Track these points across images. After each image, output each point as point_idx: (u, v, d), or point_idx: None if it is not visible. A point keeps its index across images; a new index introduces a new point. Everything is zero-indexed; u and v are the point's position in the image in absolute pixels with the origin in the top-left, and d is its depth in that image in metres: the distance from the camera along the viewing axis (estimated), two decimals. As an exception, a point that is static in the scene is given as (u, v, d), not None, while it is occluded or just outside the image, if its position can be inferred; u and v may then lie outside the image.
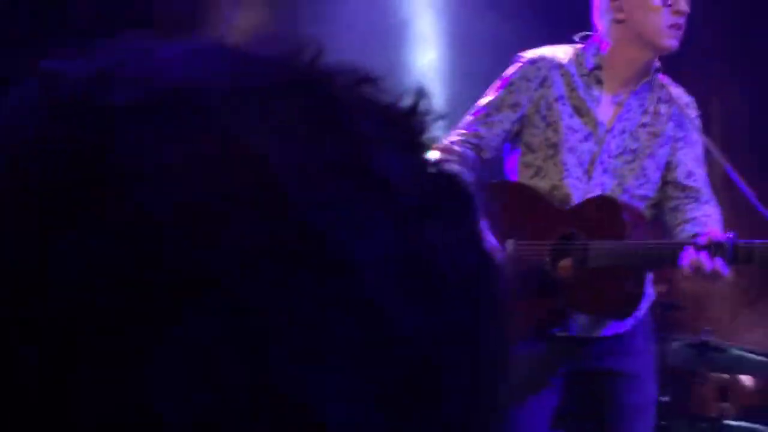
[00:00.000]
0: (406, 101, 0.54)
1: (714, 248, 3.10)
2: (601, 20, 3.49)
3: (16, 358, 0.46)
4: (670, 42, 3.38)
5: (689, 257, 3.13)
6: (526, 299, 3.14)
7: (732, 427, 4.79)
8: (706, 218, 3.31)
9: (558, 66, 3.48)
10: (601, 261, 3.31)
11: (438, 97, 5.81)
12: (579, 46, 3.55)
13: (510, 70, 3.52)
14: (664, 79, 3.51)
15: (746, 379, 5.10)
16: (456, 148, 3.45)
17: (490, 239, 2.38)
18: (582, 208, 3.39)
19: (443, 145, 3.44)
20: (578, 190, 3.41)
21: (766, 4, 6.05)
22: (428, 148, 0.55)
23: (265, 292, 0.47)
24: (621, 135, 3.44)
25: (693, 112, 3.51)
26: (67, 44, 0.54)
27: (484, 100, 3.53)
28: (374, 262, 0.49)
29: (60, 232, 0.47)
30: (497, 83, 3.54)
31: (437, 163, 0.54)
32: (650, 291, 3.50)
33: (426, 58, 6.11)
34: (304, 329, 0.47)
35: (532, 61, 3.50)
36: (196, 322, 0.46)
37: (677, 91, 3.52)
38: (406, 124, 0.54)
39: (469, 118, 3.53)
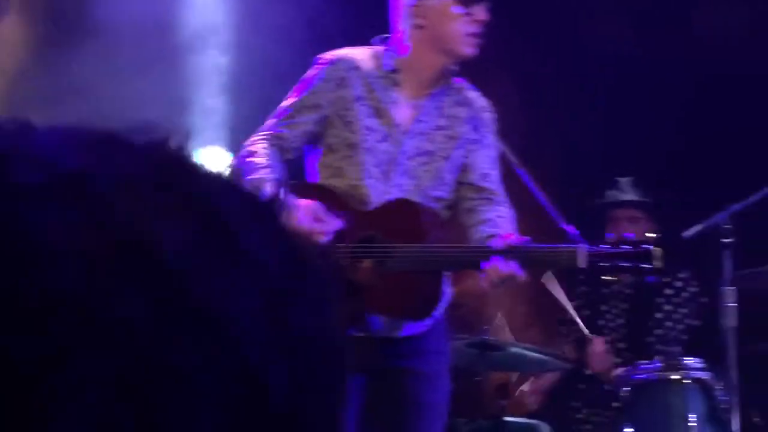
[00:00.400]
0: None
1: (509, 252, 3.16)
2: (401, 24, 3.53)
3: None
4: (468, 49, 3.46)
5: (487, 261, 3.18)
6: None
7: (511, 424, 4.93)
8: (500, 219, 3.38)
9: (356, 67, 3.51)
10: (404, 265, 3.34)
11: (242, 103, 5.75)
12: (378, 48, 3.56)
13: (310, 72, 3.54)
14: (461, 82, 3.57)
15: (525, 377, 5.24)
16: (260, 148, 3.43)
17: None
18: (382, 210, 3.41)
19: (247, 148, 3.43)
20: (376, 190, 3.43)
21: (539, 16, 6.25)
22: (292, 234, 0.63)
23: (152, 351, 0.54)
24: (418, 137, 3.48)
25: (488, 115, 3.58)
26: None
27: (286, 102, 3.55)
28: (247, 328, 0.57)
29: None
30: (298, 85, 3.55)
31: (304, 246, 0.63)
32: (448, 291, 3.56)
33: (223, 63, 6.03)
34: (185, 386, 0.54)
35: (331, 62, 3.52)
36: (80, 387, 0.52)
37: (473, 95, 3.59)
38: (271, 210, 0.63)
39: (271, 120, 3.54)
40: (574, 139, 6.12)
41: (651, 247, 3.07)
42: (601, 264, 3.11)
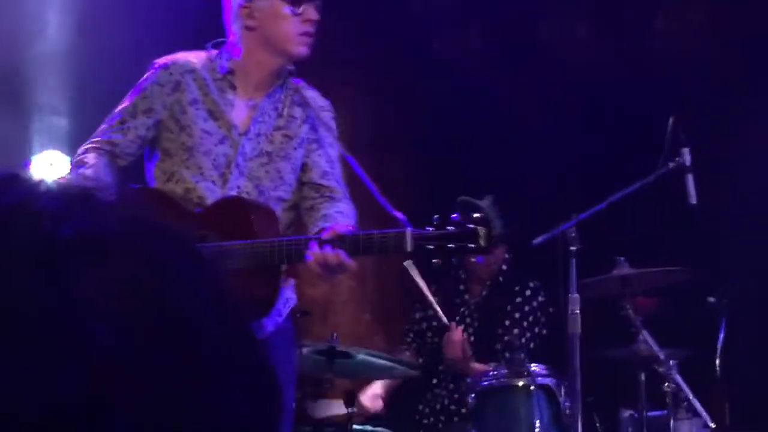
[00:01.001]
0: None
1: (336, 240, 3.17)
2: (233, 26, 3.52)
3: None
4: (300, 49, 3.46)
5: (314, 251, 3.17)
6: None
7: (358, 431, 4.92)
8: (339, 215, 3.38)
9: (191, 71, 3.49)
10: (232, 262, 3.29)
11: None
12: (213, 51, 3.56)
13: (144, 77, 3.51)
14: (298, 82, 3.58)
15: (375, 384, 5.24)
16: (90, 158, 3.38)
17: None
18: (213, 210, 3.39)
19: (78, 157, 3.40)
20: (214, 192, 3.42)
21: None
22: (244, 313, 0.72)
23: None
24: (256, 138, 3.48)
25: (328, 115, 3.60)
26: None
27: (119, 108, 3.50)
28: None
29: None
30: (132, 90, 3.52)
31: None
32: (291, 295, 3.54)
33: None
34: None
35: (165, 66, 3.50)
36: None
37: (312, 95, 3.60)
38: (231, 306, 0.70)
39: (104, 126, 3.50)
40: (428, 150, 6.17)
41: (475, 226, 3.10)
42: (428, 246, 3.12)
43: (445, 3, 6.45)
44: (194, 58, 3.52)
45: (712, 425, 4.56)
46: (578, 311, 4.45)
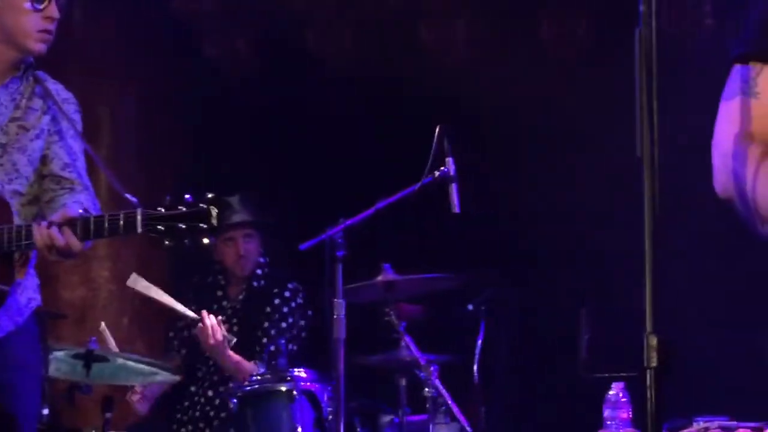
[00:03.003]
0: None
1: (65, 223, 3.14)
2: None
3: None
4: (38, 46, 3.43)
5: (40, 235, 3.14)
6: None
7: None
8: (77, 204, 3.31)
9: None
10: None
11: None
12: None
13: None
14: (41, 75, 3.52)
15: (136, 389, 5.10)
16: None
17: None
18: None
19: None
20: None
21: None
22: None
23: None
24: None
25: (72, 108, 3.53)
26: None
27: None
28: None
29: None
30: None
31: None
32: (35, 296, 3.47)
33: None
34: None
35: None
36: None
37: (56, 87, 3.53)
38: None
39: None
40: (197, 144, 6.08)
41: (207, 206, 3.10)
42: (159, 227, 3.10)
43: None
44: None
45: (469, 430, 4.67)
46: (343, 316, 4.47)
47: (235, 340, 4.98)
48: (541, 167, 5.68)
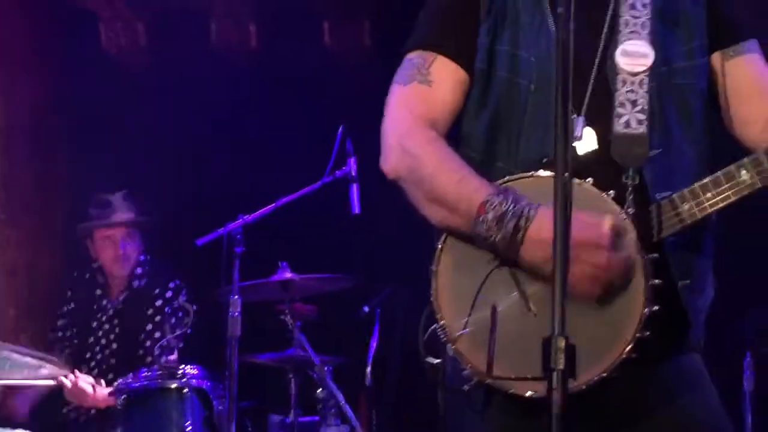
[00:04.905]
0: None
1: None
2: None
3: None
4: None
5: None
6: None
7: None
8: None
9: None
10: None
11: None
12: None
13: None
14: None
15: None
16: None
17: None
18: None
19: None
20: None
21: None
22: None
23: None
24: None
25: None
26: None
27: None
28: None
29: None
30: None
31: None
32: None
33: None
34: None
35: None
36: None
37: None
38: None
39: None
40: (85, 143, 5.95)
41: None
42: None
43: None
44: None
45: (360, 431, 4.65)
46: (238, 314, 4.41)
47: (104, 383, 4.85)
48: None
